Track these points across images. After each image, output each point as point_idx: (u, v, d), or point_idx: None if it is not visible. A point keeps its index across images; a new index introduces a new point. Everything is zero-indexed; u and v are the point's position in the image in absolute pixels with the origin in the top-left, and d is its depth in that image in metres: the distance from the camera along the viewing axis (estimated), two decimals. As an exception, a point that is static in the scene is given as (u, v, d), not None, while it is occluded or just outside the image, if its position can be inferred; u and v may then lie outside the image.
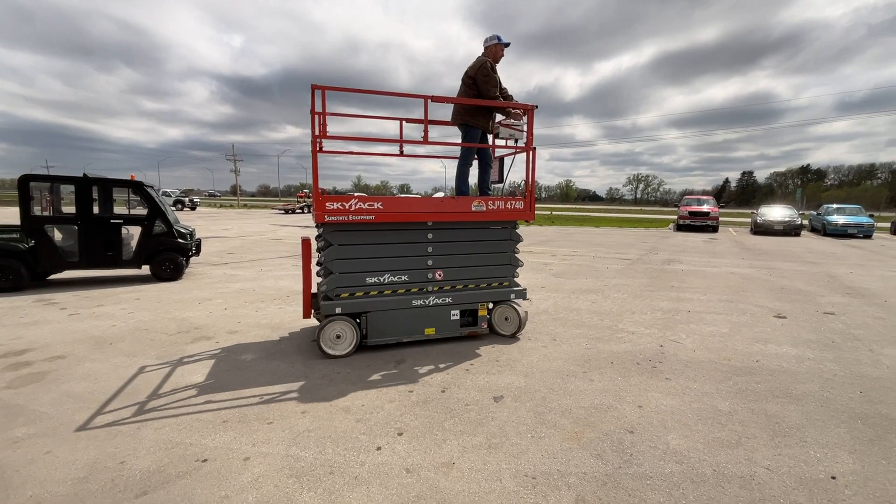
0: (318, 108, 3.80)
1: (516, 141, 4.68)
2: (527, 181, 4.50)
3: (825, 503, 2.10)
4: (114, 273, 7.89)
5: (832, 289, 7.43)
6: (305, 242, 4.16)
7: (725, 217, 34.98)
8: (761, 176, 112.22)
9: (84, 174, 7.03)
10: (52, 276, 7.36)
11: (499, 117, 4.84)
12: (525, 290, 4.68)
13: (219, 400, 3.12)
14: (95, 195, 7.13)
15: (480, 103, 4.56)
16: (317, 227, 4.25)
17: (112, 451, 2.47)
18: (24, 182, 6.59)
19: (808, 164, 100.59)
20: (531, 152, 4.45)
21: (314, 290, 4.37)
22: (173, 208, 35.82)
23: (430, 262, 4.32)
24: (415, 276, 4.28)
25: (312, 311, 4.34)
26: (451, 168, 4.95)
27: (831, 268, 9.87)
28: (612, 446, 2.59)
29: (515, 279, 4.64)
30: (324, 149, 4.05)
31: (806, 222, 23.93)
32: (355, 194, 4.24)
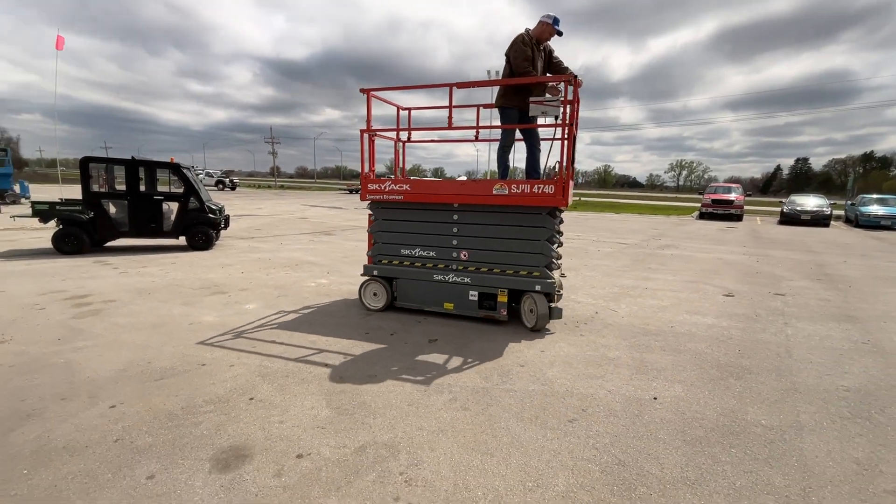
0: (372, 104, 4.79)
1: (556, 118, 4.21)
2: (561, 163, 4.12)
3: (634, 412, 2.83)
4: (156, 242, 9.22)
5: (806, 275, 7.71)
6: (370, 216, 4.99)
7: (763, 206, 33.64)
8: (819, 163, 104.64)
9: (132, 157, 8.30)
10: (108, 244, 8.76)
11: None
12: (554, 283, 4.24)
13: (220, 331, 4.13)
14: (142, 175, 8.42)
15: (501, 83, 4.47)
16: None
17: (142, 356, 3.51)
18: (85, 163, 7.92)
19: (872, 151, 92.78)
20: (567, 130, 3.99)
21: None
22: (217, 187, 38.49)
23: (454, 242, 4.55)
24: (441, 253, 4.61)
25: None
26: (484, 151, 5.44)
27: (829, 257, 9.94)
28: (499, 372, 3.40)
29: (548, 271, 4.26)
30: (373, 138, 4.95)
31: (841, 213, 22.93)
32: (390, 177, 4.87)
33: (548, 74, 4.76)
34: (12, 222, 10.06)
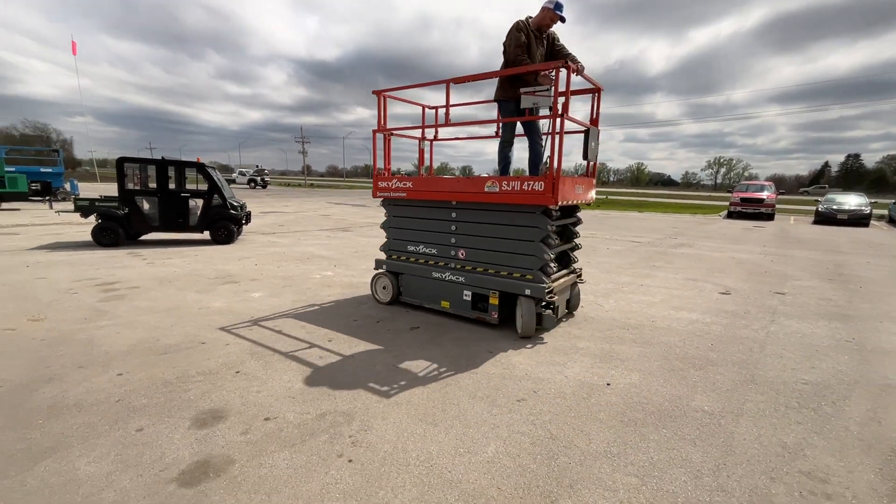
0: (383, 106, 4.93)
1: (550, 109, 3.84)
2: (552, 157, 3.72)
3: (582, 395, 3.01)
4: (183, 236, 9.91)
5: (818, 275, 7.50)
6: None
7: (802, 205, 32.04)
8: (873, 159, 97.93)
9: (162, 157, 8.98)
10: (142, 238, 9.49)
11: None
12: (545, 289, 3.87)
13: (225, 315, 4.55)
14: (171, 174, 9.10)
15: (492, 75, 4.23)
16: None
17: (153, 334, 3.96)
18: (120, 163, 8.65)
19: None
20: (558, 121, 3.68)
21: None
22: (249, 185, 40.07)
23: (452, 240, 4.51)
24: (441, 250, 4.62)
25: None
26: (517, 149, 4.90)
27: (853, 258, 9.56)
28: (467, 357, 3.63)
29: (542, 275, 3.99)
30: (388, 137, 5.14)
31: (884, 212, 21.63)
32: (398, 175, 4.98)
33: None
34: (61, 217, 11.02)
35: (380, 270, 5.17)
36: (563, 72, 3.73)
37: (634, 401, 2.95)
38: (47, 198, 18.06)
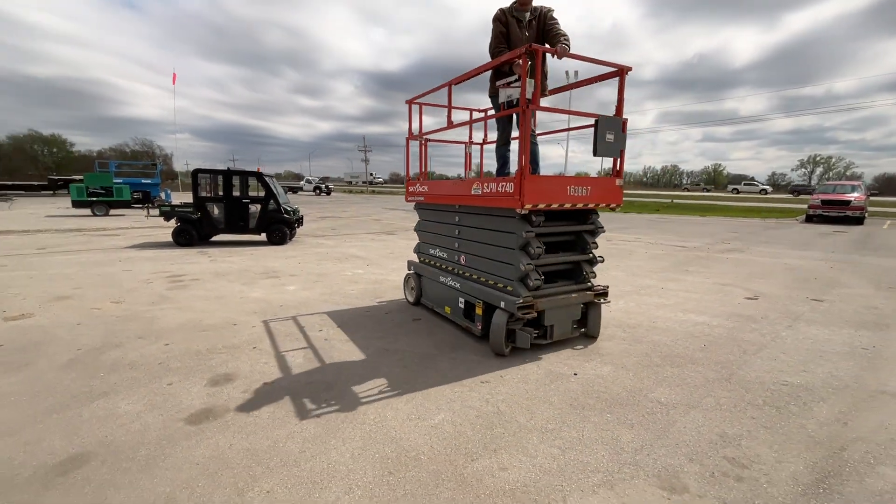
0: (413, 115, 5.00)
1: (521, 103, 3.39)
2: (520, 155, 3.41)
3: (545, 382, 3.23)
4: (245, 237, 11.16)
5: (876, 283, 6.83)
6: None
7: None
8: None
9: (228, 168, 10.24)
10: (212, 239, 10.84)
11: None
12: (517, 302, 3.47)
13: (259, 303, 5.28)
14: (235, 182, 10.34)
15: (481, 70, 3.91)
16: None
17: (199, 316, 4.74)
18: (195, 174, 10.01)
19: None
20: (524, 114, 3.35)
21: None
22: (315, 192, 43.00)
23: (456, 245, 4.44)
24: (449, 255, 4.57)
25: None
26: (578, 151, 4.26)
27: (936, 265, 8.48)
28: (452, 345, 3.97)
29: (521, 286, 3.60)
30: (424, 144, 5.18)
31: None
32: (416, 179, 5.04)
33: (546, 45, 4.01)
34: (155, 221, 12.85)
35: (409, 272, 5.42)
36: (558, 58, 3.55)
37: (593, 389, 3.12)
38: (146, 205, 20.93)
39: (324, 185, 44.63)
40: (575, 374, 3.37)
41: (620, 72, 3.66)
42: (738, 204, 34.91)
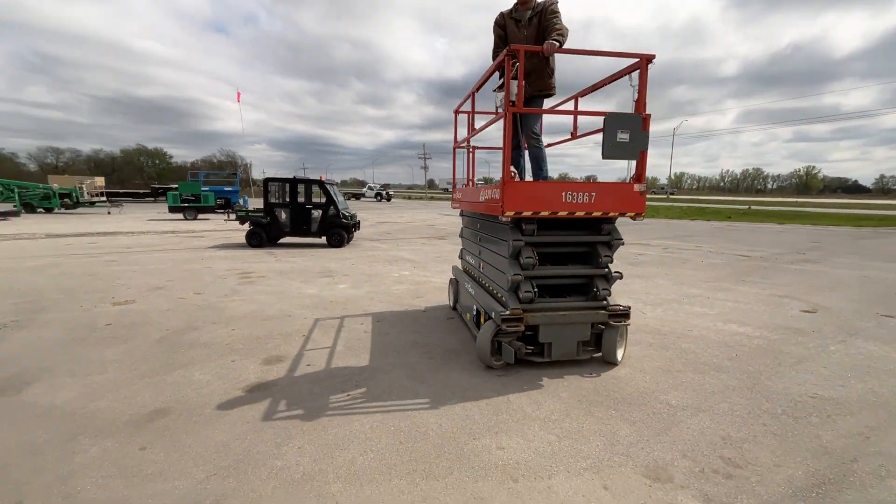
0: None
1: (513, 104, 3.29)
2: (503, 160, 3.30)
3: (561, 380, 3.40)
4: (307, 240, 12.16)
5: (972, 299, 6.06)
6: None
7: None
8: None
9: (294, 176, 11.28)
10: (280, 241, 11.95)
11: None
12: (502, 314, 3.33)
13: (313, 299, 5.89)
14: (300, 189, 11.35)
15: (487, 77, 3.76)
16: None
17: (261, 308, 5.42)
18: (266, 182, 11.15)
19: None
20: (505, 118, 3.26)
21: None
22: (376, 199, 45.02)
23: (479, 252, 4.38)
24: (475, 262, 4.54)
25: None
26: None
27: None
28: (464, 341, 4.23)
29: (514, 297, 3.45)
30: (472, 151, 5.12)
31: None
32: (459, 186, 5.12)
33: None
34: (233, 224, 14.37)
35: (451, 276, 5.56)
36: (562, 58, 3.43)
37: (604, 388, 3.25)
38: (227, 210, 23.27)
39: (384, 192, 46.53)
40: (590, 374, 3.50)
41: (641, 61, 3.23)
42: (835, 211, 31.42)
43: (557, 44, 3.33)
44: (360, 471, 2.26)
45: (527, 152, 4.22)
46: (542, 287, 3.64)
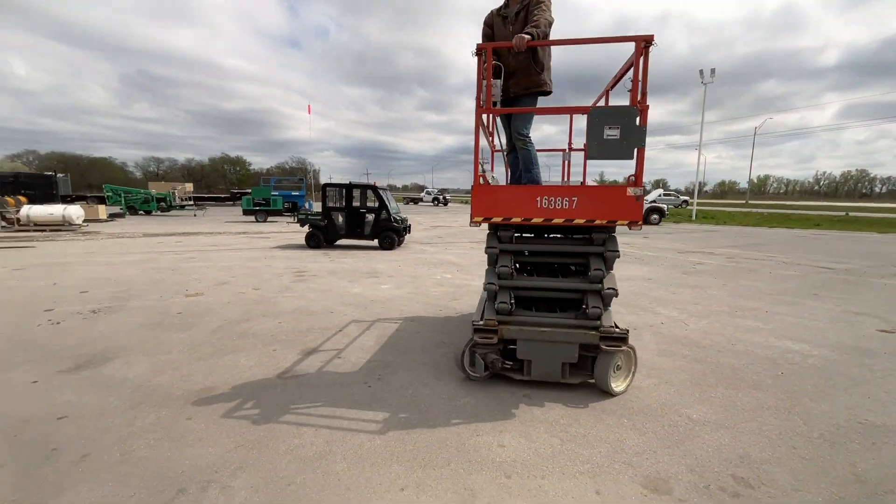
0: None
1: (495, 104, 3.29)
2: (475, 162, 3.21)
3: (580, 386, 3.37)
4: (361, 242, 12.78)
5: None
6: None
7: None
8: None
9: (349, 182, 11.94)
10: (336, 243, 12.69)
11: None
12: (477, 324, 3.21)
13: (356, 297, 6.25)
14: (355, 194, 11.99)
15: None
16: None
17: (308, 304, 5.87)
18: (324, 187, 11.92)
19: None
20: (475, 122, 3.14)
21: None
22: (433, 203, 45.89)
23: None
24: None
25: None
26: (725, 158, 3.84)
27: None
28: (503, 345, 4.29)
29: (489, 306, 3.31)
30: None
31: None
32: None
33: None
34: (295, 227, 15.47)
35: None
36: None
37: (622, 397, 3.18)
38: (294, 213, 25.02)
39: (441, 196, 47.30)
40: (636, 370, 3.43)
41: (637, 44, 2.80)
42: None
43: (529, 37, 3.04)
44: (366, 455, 2.45)
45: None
46: (538, 300, 3.42)
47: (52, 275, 7.50)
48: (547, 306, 3.45)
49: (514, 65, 3.48)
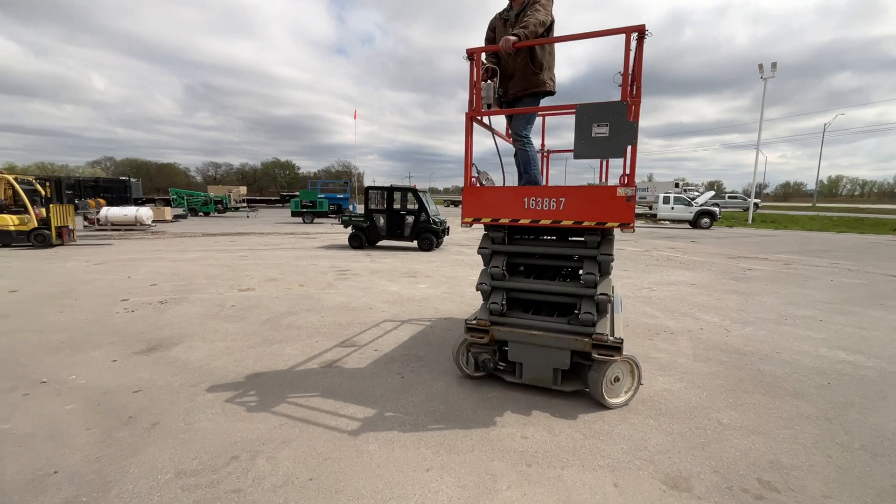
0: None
1: (488, 107, 3.38)
2: (466, 164, 3.27)
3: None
4: (401, 244, 13.14)
5: None
6: None
7: None
8: None
9: (391, 185, 12.33)
10: (378, 244, 13.13)
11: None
12: (470, 323, 3.30)
13: (393, 296, 6.51)
14: (395, 197, 12.37)
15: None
16: None
17: (348, 300, 6.19)
18: (366, 190, 12.39)
19: None
20: (465, 125, 3.21)
21: None
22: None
23: None
24: None
25: None
26: (790, 159, 3.85)
27: None
28: (534, 344, 4.36)
29: (484, 306, 3.40)
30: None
31: None
32: None
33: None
34: (339, 228, 16.13)
35: None
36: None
37: (650, 399, 3.17)
38: (338, 215, 26.01)
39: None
40: (640, 384, 3.42)
41: (626, 37, 2.69)
42: None
43: (515, 38, 3.05)
44: (396, 437, 2.63)
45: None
46: (540, 304, 3.39)
47: (126, 269, 8.35)
48: (549, 310, 3.37)
49: (513, 66, 3.44)
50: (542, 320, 3.20)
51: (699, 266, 9.56)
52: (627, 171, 2.86)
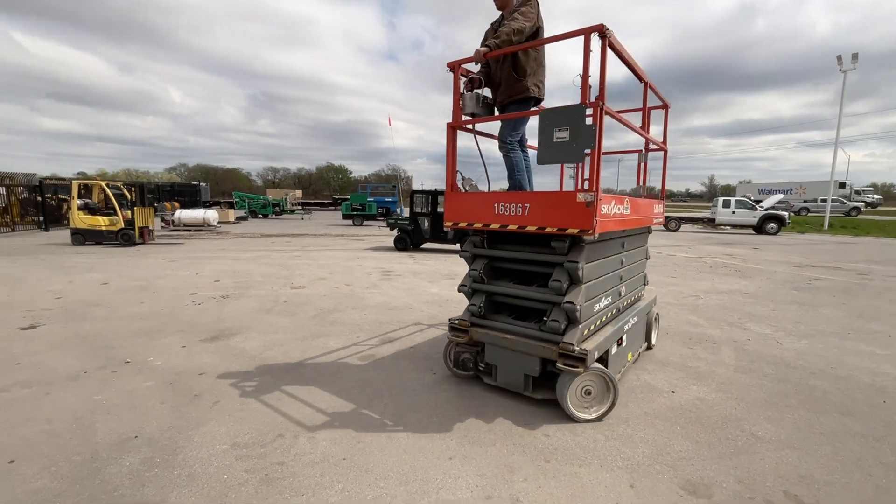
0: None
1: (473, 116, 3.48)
2: (448, 173, 3.39)
3: (638, 392, 3.39)
4: (444, 246, 13.39)
5: None
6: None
7: None
8: None
9: (435, 189, 12.64)
10: (422, 246, 13.49)
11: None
12: (453, 322, 3.45)
13: (434, 296, 6.74)
14: (439, 200, 12.64)
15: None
16: None
17: (389, 300, 6.49)
18: (412, 194, 12.77)
19: None
20: (448, 130, 3.33)
21: None
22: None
23: None
24: None
25: None
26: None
27: None
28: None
29: (468, 307, 3.46)
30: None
31: None
32: None
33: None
34: (386, 230, 16.69)
35: None
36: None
37: (680, 406, 3.14)
38: (386, 218, 26.82)
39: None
40: (672, 392, 3.39)
41: (586, 38, 2.61)
42: None
43: (487, 49, 3.12)
44: (424, 428, 2.82)
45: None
46: (526, 309, 3.32)
47: (194, 266, 9.22)
48: (538, 316, 3.21)
49: (499, 75, 3.48)
50: (516, 325, 3.22)
51: (757, 274, 9.00)
52: (586, 176, 2.79)
